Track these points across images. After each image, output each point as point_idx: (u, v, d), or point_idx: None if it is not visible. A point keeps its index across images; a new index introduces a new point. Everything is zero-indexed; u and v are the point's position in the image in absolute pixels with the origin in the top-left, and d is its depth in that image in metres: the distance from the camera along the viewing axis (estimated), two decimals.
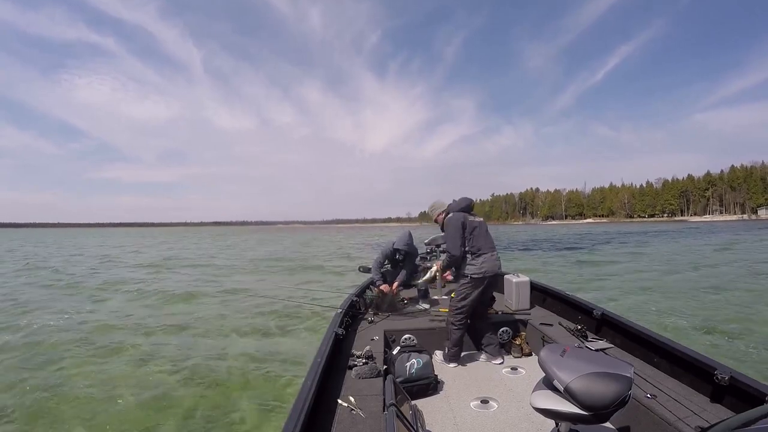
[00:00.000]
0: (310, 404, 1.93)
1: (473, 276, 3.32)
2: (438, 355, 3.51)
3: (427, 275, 4.12)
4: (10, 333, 7.00)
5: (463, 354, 3.49)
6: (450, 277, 3.99)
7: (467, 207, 3.48)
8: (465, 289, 3.37)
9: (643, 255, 19.91)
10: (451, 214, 3.43)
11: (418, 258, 4.81)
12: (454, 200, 3.57)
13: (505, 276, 4.34)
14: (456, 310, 3.38)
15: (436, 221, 3.64)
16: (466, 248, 3.35)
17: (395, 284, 4.47)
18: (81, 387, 4.66)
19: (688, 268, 14.46)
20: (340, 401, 2.21)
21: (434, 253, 4.88)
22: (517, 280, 4.19)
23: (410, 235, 4.72)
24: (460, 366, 3.41)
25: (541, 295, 4.35)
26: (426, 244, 5.23)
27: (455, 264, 3.42)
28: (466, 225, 3.35)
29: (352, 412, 2.12)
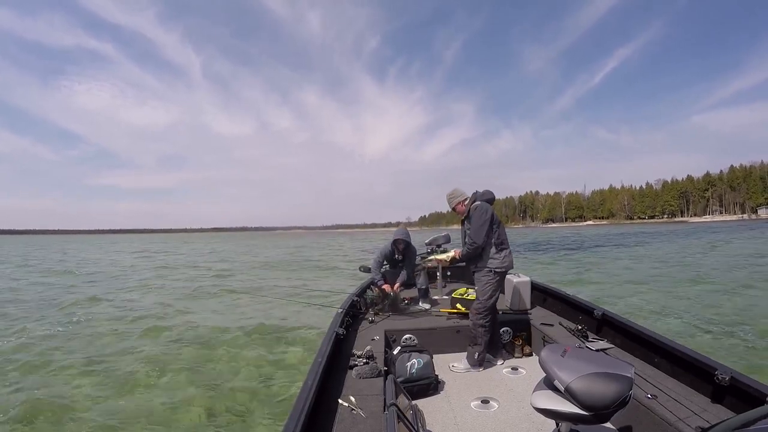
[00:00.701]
0: (310, 404, 1.94)
1: (497, 270, 3.25)
2: (457, 365, 3.32)
3: (442, 256, 4.10)
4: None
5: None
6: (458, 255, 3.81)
7: (491, 200, 3.39)
8: (490, 286, 3.26)
9: (640, 255, 20.12)
10: (479, 202, 3.30)
11: (418, 258, 4.81)
12: (477, 191, 3.42)
13: (506, 276, 4.33)
14: (485, 310, 3.25)
15: (454, 209, 3.49)
16: (492, 240, 3.23)
17: (396, 285, 4.47)
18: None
19: (679, 264, 15.30)
20: (340, 401, 2.21)
21: (434, 253, 4.88)
22: (517, 280, 4.18)
23: (406, 229, 4.75)
24: None
25: (541, 295, 4.35)
26: (426, 244, 5.24)
27: (475, 254, 3.27)
28: (495, 216, 3.27)
29: (353, 412, 2.11)
